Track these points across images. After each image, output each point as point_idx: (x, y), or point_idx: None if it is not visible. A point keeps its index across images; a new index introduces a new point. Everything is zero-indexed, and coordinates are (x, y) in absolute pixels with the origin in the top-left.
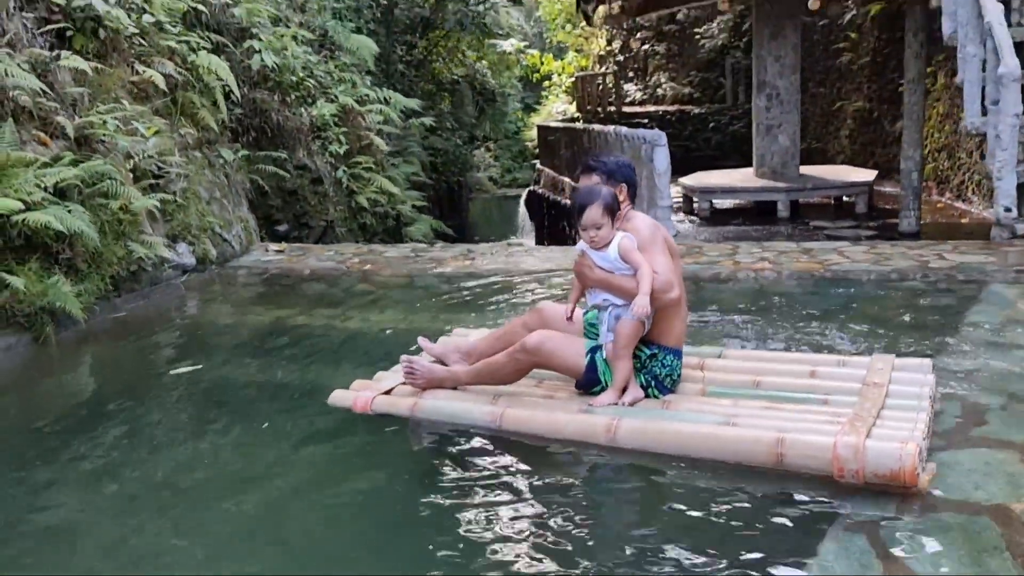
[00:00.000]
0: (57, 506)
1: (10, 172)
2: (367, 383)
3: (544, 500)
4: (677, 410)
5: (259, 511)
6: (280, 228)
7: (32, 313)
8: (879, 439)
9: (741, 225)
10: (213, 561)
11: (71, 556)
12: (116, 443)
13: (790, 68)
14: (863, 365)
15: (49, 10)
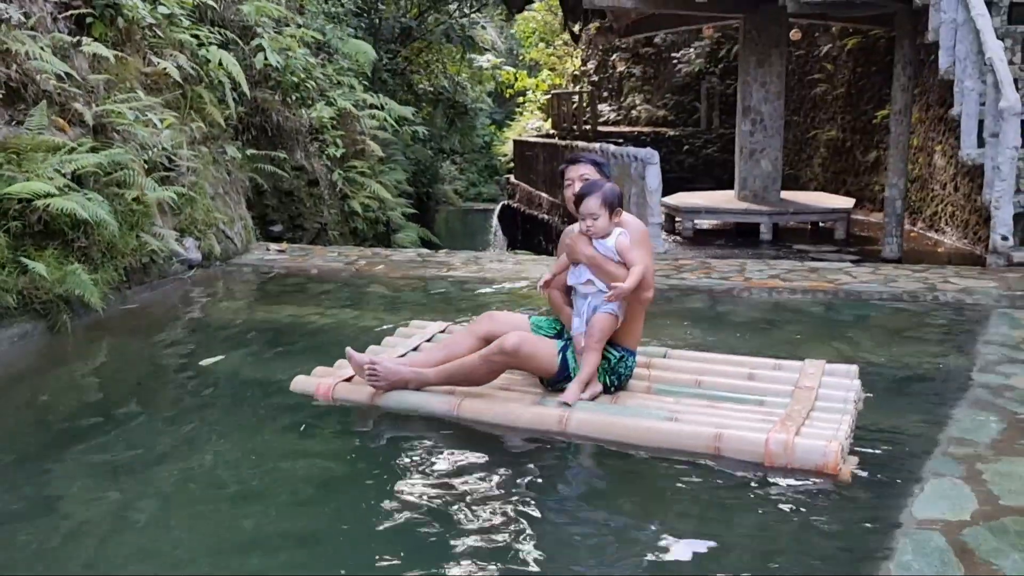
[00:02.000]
0: (65, 495)
1: (30, 156)
2: (329, 370)
3: (498, 484)
4: (625, 405)
5: (246, 504)
6: (275, 228)
7: (49, 301)
8: (807, 437)
9: (725, 246)
10: (211, 555)
11: (78, 545)
12: (124, 435)
13: (775, 95)
14: (796, 369)
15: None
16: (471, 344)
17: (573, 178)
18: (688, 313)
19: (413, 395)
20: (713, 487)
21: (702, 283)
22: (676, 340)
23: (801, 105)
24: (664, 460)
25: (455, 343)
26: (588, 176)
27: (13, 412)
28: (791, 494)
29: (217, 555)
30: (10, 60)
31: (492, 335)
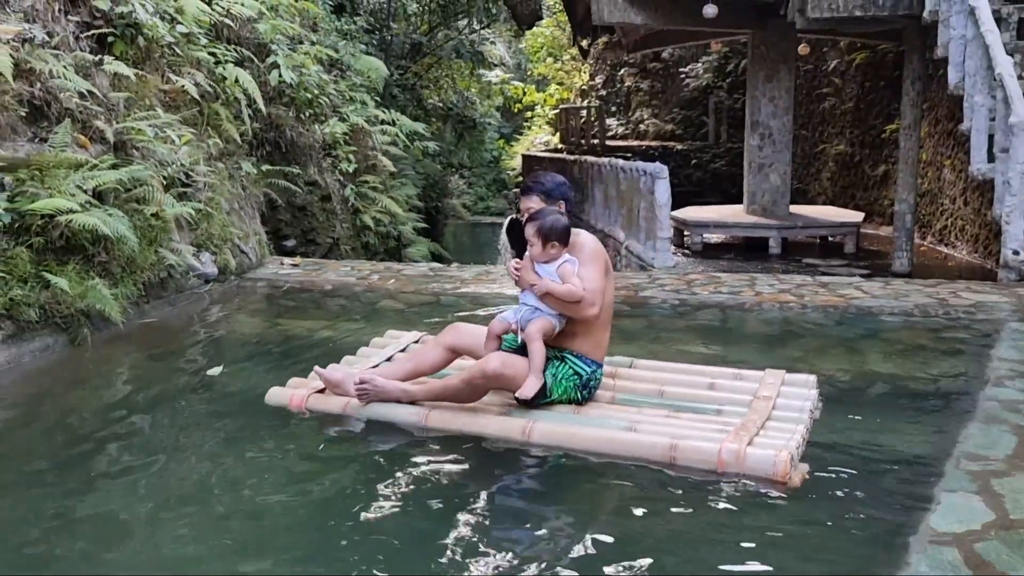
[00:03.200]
0: (84, 503)
1: (53, 173)
2: (303, 381)
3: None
4: (587, 415)
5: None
6: (288, 243)
7: (70, 315)
8: (759, 447)
9: (734, 260)
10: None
11: (100, 552)
12: (141, 446)
13: (783, 109)
14: (756, 379)
15: (92, 15)
16: (438, 354)
17: (523, 210)
18: (699, 328)
19: (384, 406)
20: (717, 501)
21: (712, 298)
22: (685, 355)
23: (809, 119)
24: (701, 479)
25: (422, 354)
26: (533, 208)
27: (36, 423)
28: (803, 510)
29: (219, 559)
30: (34, 79)
31: (456, 346)
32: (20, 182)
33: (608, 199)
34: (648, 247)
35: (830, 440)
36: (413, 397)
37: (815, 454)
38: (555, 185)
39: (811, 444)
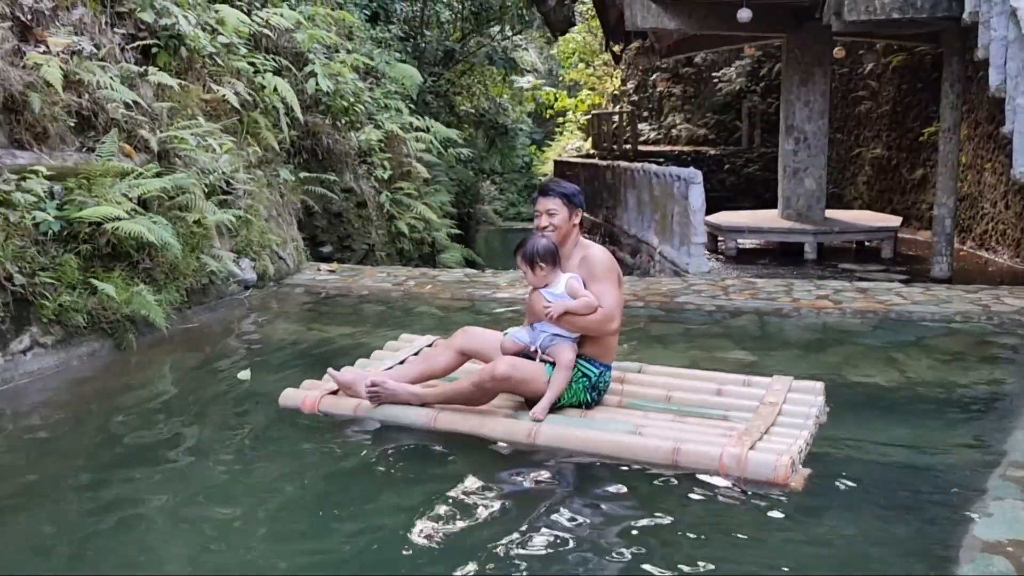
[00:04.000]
0: (130, 501)
1: (100, 182)
2: (317, 383)
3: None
4: (593, 419)
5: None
6: (324, 249)
7: (116, 320)
8: (761, 451)
9: (768, 265)
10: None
11: (140, 554)
12: (182, 448)
13: (818, 113)
14: (764, 385)
15: (137, 27)
16: (448, 357)
17: (541, 211)
18: (736, 334)
19: (394, 408)
20: (742, 506)
21: (749, 304)
22: (721, 362)
23: (845, 123)
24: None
25: (433, 357)
26: (555, 211)
27: (83, 425)
28: (847, 517)
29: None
30: (82, 90)
31: (468, 349)
32: (69, 191)
33: (641, 204)
34: (682, 252)
35: (872, 448)
36: (423, 399)
37: (856, 462)
38: (575, 192)
39: (852, 453)
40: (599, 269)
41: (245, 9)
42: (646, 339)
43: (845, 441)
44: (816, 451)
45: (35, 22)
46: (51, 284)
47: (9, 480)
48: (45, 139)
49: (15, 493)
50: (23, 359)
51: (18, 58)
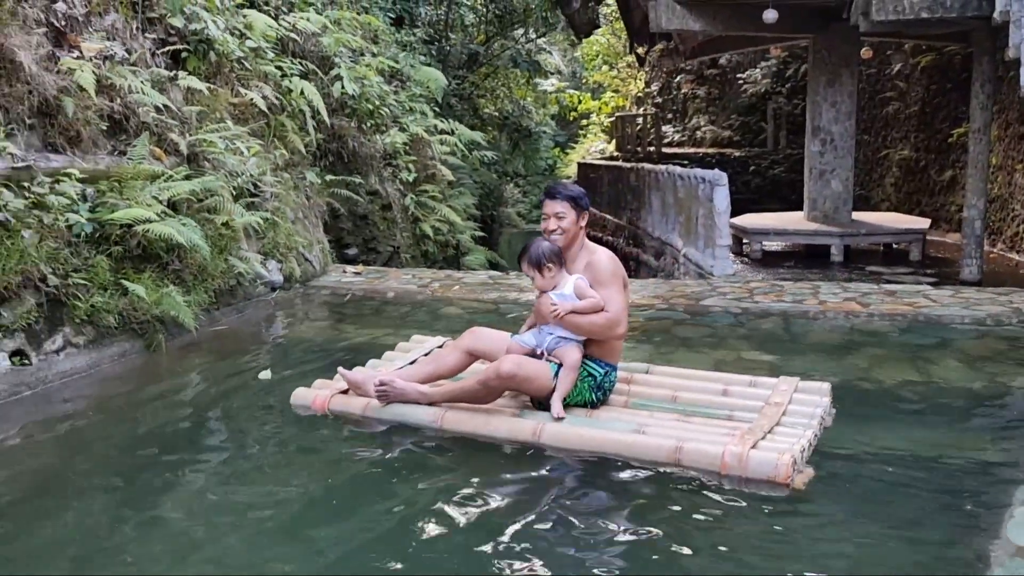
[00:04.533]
0: (157, 499)
1: (131, 184)
2: (328, 382)
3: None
4: (597, 418)
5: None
6: (349, 251)
7: (146, 321)
8: (764, 450)
9: (794, 268)
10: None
11: (164, 552)
12: (209, 446)
13: (845, 114)
14: (770, 386)
15: (167, 32)
16: (456, 358)
17: (549, 214)
18: (762, 336)
19: (402, 407)
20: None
21: (775, 306)
22: (746, 364)
23: (872, 124)
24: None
25: (442, 357)
26: (563, 214)
27: (113, 425)
28: (878, 518)
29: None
30: (114, 94)
31: (476, 350)
32: (101, 193)
33: (666, 206)
34: (707, 255)
35: (900, 450)
36: (431, 399)
37: (881, 464)
38: (581, 194)
39: (877, 455)
40: (604, 274)
41: (272, 14)
42: (672, 341)
43: (870, 443)
44: (840, 452)
45: (69, 28)
46: (83, 285)
47: (39, 477)
48: (78, 143)
49: (45, 490)
50: (56, 359)
51: (52, 63)
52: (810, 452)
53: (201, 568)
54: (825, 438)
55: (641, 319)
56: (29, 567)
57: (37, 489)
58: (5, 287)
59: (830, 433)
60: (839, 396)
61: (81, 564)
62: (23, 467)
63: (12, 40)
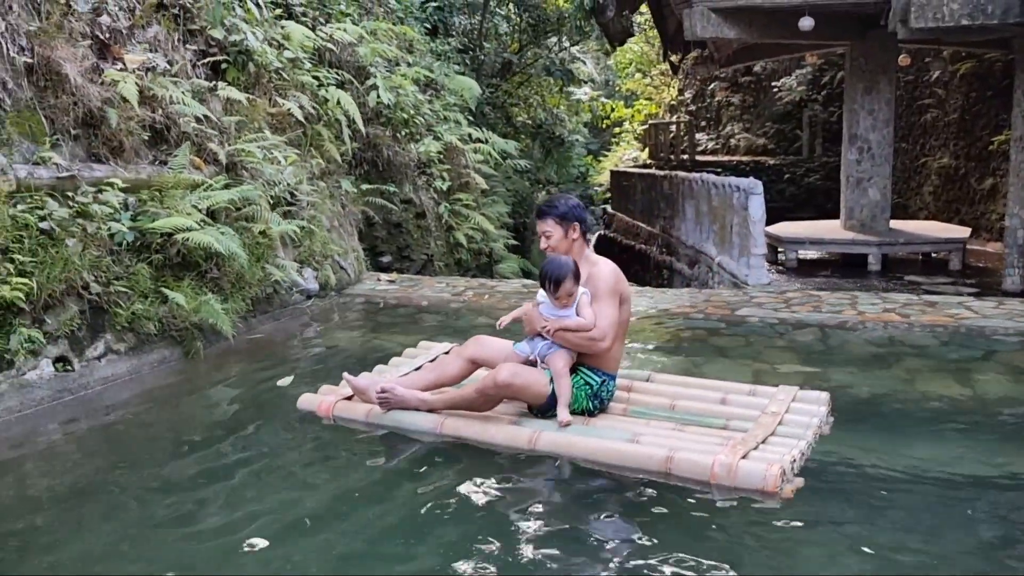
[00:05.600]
0: (192, 501)
1: (171, 193)
2: (334, 388)
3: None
4: (593, 426)
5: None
6: (383, 259)
7: (185, 328)
8: (754, 460)
9: (830, 277)
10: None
11: (196, 557)
12: (243, 452)
13: (883, 122)
14: (769, 395)
15: (207, 44)
16: (460, 366)
17: (540, 232)
18: (798, 347)
19: (402, 414)
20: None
21: (812, 317)
22: (781, 375)
23: (910, 132)
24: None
25: (445, 364)
26: (550, 232)
27: (152, 431)
28: (923, 530)
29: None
30: (156, 105)
31: (478, 358)
32: (142, 202)
33: (699, 215)
34: (741, 264)
35: (941, 463)
36: (431, 406)
37: (918, 477)
38: (569, 208)
39: (913, 466)
40: (601, 289)
41: (310, 24)
42: (708, 351)
43: (907, 455)
44: (876, 464)
45: (113, 40)
46: (125, 293)
47: (80, 482)
48: (121, 152)
49: (85, 494)
50: (98, 365)
51: (97, 75)
52: (803, 461)
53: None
54: (863, 450)
55: (675, 328)
56: (75, 569)
57: (80, 491)
58: (49, 295)
59: (869, 445)
60: (879, 408)
61: (113, 564)
62: (66, 470)
63: (59, 53)
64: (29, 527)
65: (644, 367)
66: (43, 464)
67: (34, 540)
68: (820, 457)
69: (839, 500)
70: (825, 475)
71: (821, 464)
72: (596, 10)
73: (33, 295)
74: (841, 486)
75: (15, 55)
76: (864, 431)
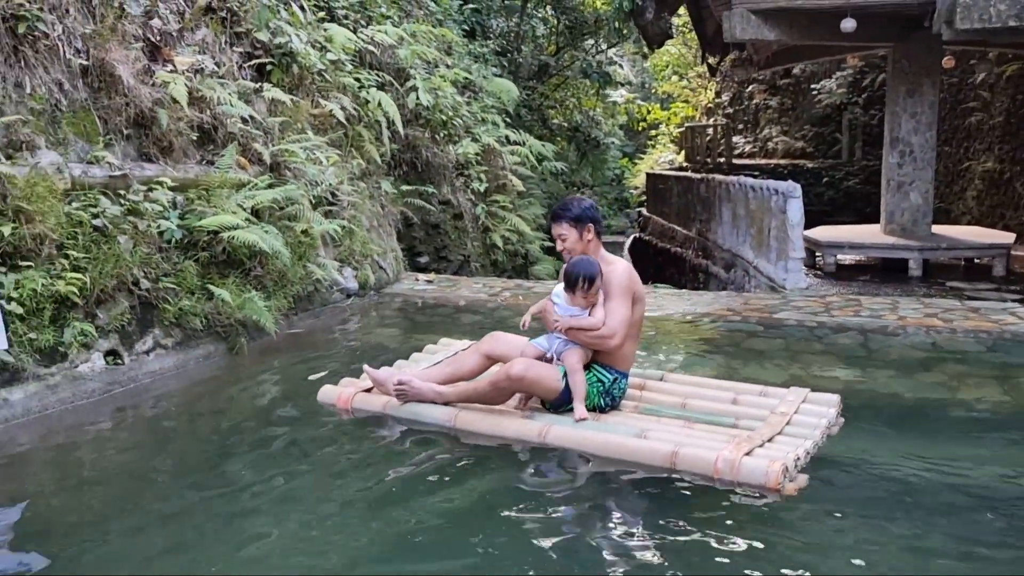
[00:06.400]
0: (235, 488)
1: (217, 193)
2: (354, 381)
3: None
4: (604, 422)
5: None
6: (421, 260)
7: (230, 325)
8: (758, 457)
9: (870, 282)
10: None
11: (237, 549)
12: (285, 443)
13: (926, 125)
14: (779, 396)
15: (253, 46)
16: (476, 361)
17: (555, 236)
18: (838, 351)
19: (419, 407)
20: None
21: (852, 320)
22: (820, 379)
23: (953, 135)
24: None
25: (462, 360)
26: (564, 235)
27: (198, 420)
28: (958, 535)
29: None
30: (204, 106)
31: (494, 353)
32: (190, 201)
33: (736, 218)
34: (779, 268)
35: (982, 472)
36: (446, 398)
37: (952, 483)
38: (582, 210)
39: (947, 471)
40: (614, 287)
41: (351, 27)
42: (745, 354)
43: (948, 461)
44: (908, 469)
45: (163, 42)
46: (172, 289)
47: (127, 473)
48: (170, 152)
49: (132, 485)
50: (146, 359)
51: (148, 77)
52: (807, 460)
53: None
54: (904, 455)
55: (712, 331)
56: (124, 559)
57: (120, 482)
58: (101, 290)
59: (910, 450)
60: (921, 413)
61: (157, 556)
62: (116, 460)
63: (112, 55)
64: (81, 511)
65: (679, 369)
66: (93, 453)
67: (84, 523)
68: (858, 460)
69: (877, 504)
70: (863, 478)
71: (859, 468)
72: (635, 12)
73: (86, 290)
74: (878, 492)
75: (71, 57)
76: (907, 436)
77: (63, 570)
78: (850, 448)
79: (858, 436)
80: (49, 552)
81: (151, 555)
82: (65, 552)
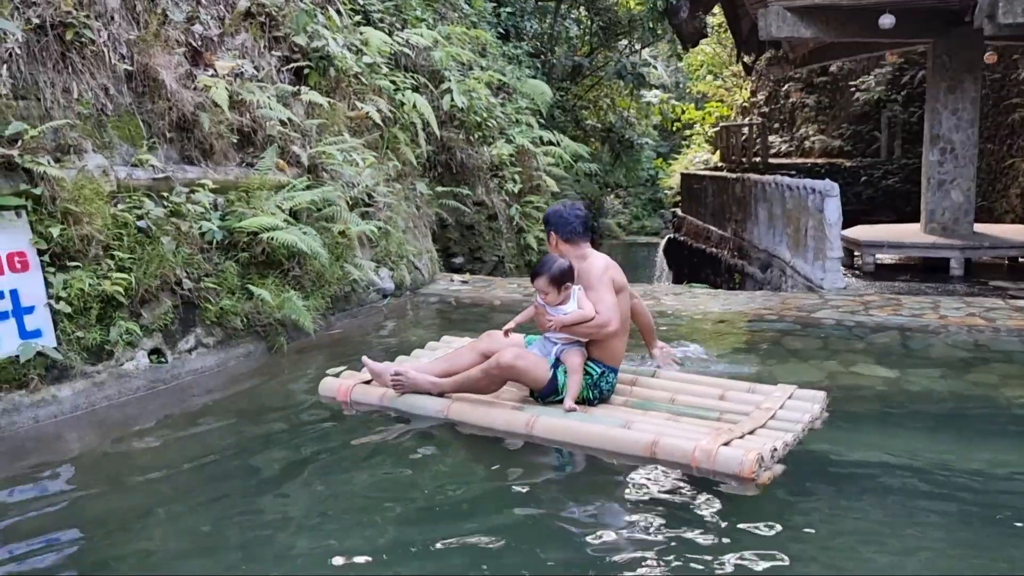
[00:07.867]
0: (269, 481)
1: (256, 194)
2: (354, 373)
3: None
4: (590, 414)
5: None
6: (456, 260)
7: (269, 324)
8: (736, 447)
9: (910, 281)
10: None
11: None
12: (318, 440)
13: (967, 122)
14: (766, 392)
15: (291, 50)
16: (471, 358)
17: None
18: (878, 350)
19: (414, 398)
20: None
21: (892, 320)
22: (857, 377)
23: (996, 132)
24: None
25: (458, 356)
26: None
27: (239, 422)
28: (979, 524)
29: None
30: (244, 109)
31: (489, 351)
32: (230, 202)
33: (772, 218)
34: (816, 267)
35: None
36: (441, 388)
37: (982, 484)
38: (545, 218)
39: (1007, 474)
40: (592, 278)
41: (387, 30)
42: (782, 353)
43: (990, 461)
44: (956, 470)
45: (205, 48)
46: (214, 289)
47: (171, 469)
48: (211, 155)
49: (176, 481)
50: (189, 357)
51: (190, 81)
52: (785, 452)
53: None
54: (941, 453)
55: (748, 330)
56: (169, 555)
57: (164, 477)
58: (145, 290)
59: (953, 449)
60: (964, 413)
61: (201, 554)
62: (160, 456)
63: (156, 60)
64: (125, 505)
65: (714, 368)
66: (138, 448)
67: (127, 518)
68: (897, 460)
69: (916, 506)
70: (905, 479)
71: (899, 466)
72: (669, 12)
73: (131, 290)
74: (918, 493)
75: (116, 63)
76: (947, 437)
77: (106, 559)
78: (893, 447)
79: (901, 434)
80: (93, 543)
81: (189, 551)
82: (108, 544)
